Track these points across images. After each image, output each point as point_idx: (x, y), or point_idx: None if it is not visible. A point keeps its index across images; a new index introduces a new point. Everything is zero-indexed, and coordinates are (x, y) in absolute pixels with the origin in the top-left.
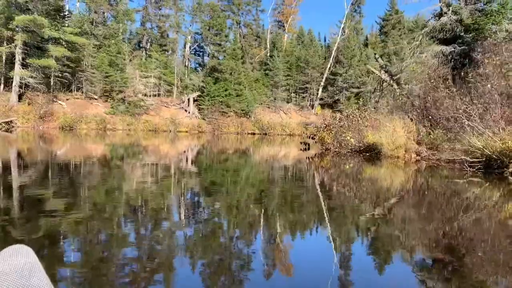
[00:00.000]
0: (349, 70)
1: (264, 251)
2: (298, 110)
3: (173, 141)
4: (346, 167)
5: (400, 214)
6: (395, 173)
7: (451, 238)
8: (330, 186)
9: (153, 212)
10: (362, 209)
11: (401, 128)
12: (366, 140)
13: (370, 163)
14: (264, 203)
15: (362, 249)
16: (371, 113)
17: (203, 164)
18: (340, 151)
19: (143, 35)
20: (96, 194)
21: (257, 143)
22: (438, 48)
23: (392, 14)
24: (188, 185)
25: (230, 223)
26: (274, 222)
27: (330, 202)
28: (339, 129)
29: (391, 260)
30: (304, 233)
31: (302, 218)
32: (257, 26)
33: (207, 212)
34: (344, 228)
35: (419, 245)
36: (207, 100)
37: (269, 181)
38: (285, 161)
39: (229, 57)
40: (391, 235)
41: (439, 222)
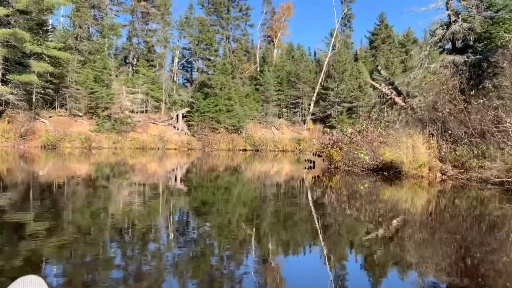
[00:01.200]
0: (341, 85)
1: (257, 273)
2: (290, 125)
3: (162, 159)
4: (360, 188)
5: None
6: (420, 196)
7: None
8: (344, 211)
9: (141, 233)
10: (389, 249)
11: (422, 144)
12: (383, 157)
13: (387, 183)
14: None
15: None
16: (386, 128)
17: (193, 182)
18: (351, 169)
19: (129, 50)
20: (80, 216)
21: (250, 160)
22: (449, 57)
23: (382, 28)
24: (177, 205)
25: (221, 244)
26: (278, 258)
27: (349, 234)
28: (350, 145)
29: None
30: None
31: (316, 253)
32: (246, 41)
33: (197, 232)
34: (372, 269)
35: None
36: (196, 116)
37: (276, 207)
38: (288, 181)
39: (219, 72)
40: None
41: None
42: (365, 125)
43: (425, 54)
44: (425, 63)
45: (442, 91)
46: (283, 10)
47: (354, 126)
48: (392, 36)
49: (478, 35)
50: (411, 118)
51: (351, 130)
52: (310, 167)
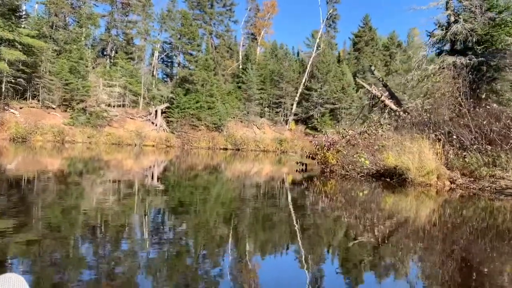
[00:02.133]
0: (324, 86)
1: (233, 274)
2: (272, 125)
3: (138, 155)
4: (358, 194)
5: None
6: (426, 205)
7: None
8: (342, 221)
9: (114, 232)
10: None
11: (428, 150)
12: (385, 162)
13: (389, 190)
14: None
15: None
16: (387, 131)
17: (171, 181)
18: (348, 174)
19: (107, 41)
20: (50, 213)
21: (231, 159)
22: (450, 59)
23: (366, 30)
24: (153, 203)
25: (197, 244)
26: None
27: (350, 248)
28: (349, 148)
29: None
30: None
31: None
32: (229, 38)
33: (173, 232)
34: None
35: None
36: (176, 112)
37: (265, 213)
38: (278, 184)
39: (201, 68)
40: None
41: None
42: (365, 127)
43: (424, 55)
44: (422, 64)
45: (446, 93)
46: (267, 8)
47: (352, 128)
48: (375, 38)
49: (479, 37)
50: (407, 122)
51: (351, 132)
52: (302, 170)
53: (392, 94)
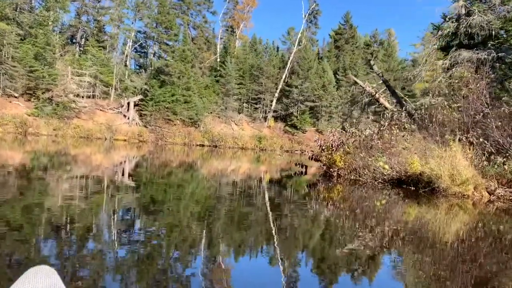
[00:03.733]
0: (305, 83)
1: (205, 276)
2: (250, 122)
3: (109, 150)
4: (375, 204)
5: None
6: (464, 221)
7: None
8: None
9: (80, 232)
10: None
11: (461, 156)
12: (410, 168)
13: (413, 200)
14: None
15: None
16: (411, 132)
17: (143, 178)
18: (360, 179)
19: (77, 28)
20: (9, 211)
21: (208, 156)
22: (466, 54)
23: (346, 28)
24: (123, 201)
25: (169, 245)
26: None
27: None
28: (363, 150)
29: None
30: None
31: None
32: (207, 30)
33: (144, 232)
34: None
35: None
36: (150, 105)
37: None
38: (278, 189)
39: (178, 59)
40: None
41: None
42: (386, 124)
43: (434, 48)
44: (431, 58)
45: (474, 91)
46: (246, 0)
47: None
48: (356, 36)
49: (495, 31)
50: (425, 122)
51: (369, 131)
52: (301, 173)
53: (393, 92)
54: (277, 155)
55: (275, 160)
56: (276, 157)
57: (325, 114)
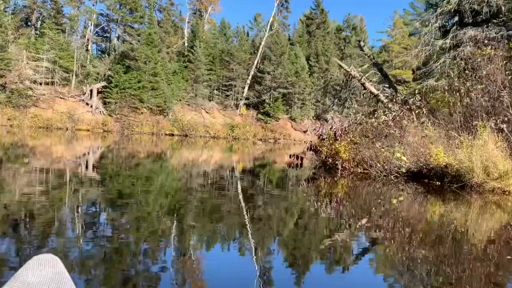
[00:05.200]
0: (278, 69)
1: (176, 270)
2: (222, 110)
3: (70, 141)
4: (392, 202)
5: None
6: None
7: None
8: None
9: (41, 228)
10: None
11: (494, 144)
12: (433, 159)
13: (437, 196)
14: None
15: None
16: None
17: (108, 170)
18: (368, 172)
19: (33, 9)
20: None
21: (177, 146)
22: (472, 32)
23: (317, 13)
24: (87, 195)
25: (138, 239)
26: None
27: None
28: (381, 140)
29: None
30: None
31: None
32: (173, 14)
33: (111, 227)
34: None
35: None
36: (115, 92)
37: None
38: (274, 183)
39: (144, 43)
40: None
41: None
42: (400, 111)
43: (436, 27)
44: (431, 37)
45: (499, 70)
46: None
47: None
48: (327, 22)
49: (506, 8)
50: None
51: (384, 118)
52: (297, 165)
53: (385, 75)
54: (257, 145)
55: (256, 150)
56: (256, 147)
57: (298, 102)
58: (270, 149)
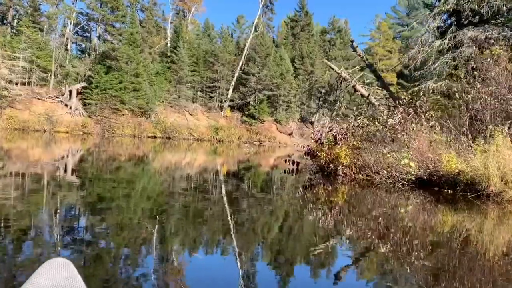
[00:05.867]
0: (263, 70)
1: (158, 277)
2: (206, 112)
3: (49, 144)
4: (399, 212)
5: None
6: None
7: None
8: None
9: (16, 234)
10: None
11: (510, 150)
12: (445, 166)
13: (447, 205)
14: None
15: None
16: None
17: (88, 174)
18: (373, 179)
19: (9, 6)
20: None
21: (160, 149)
22: (471, 33)
23: (302, 15)
24: (66, 200)
25: (119, 245)
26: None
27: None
28: (385, 144)
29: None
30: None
31: None
32: (155, 14)
33: (91, 232)
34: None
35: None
36: (95, 93)
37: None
38: (274, 193)
39: (126, 42)
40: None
41: None
42: (407, 114)
43: (435, 27)
44: (429, 38)
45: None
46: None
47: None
48: (311, 24)
49: (507, 7)
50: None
51: (391, 121)
52: (293, 171)
53: (379, 76)
54: (245, 147)
55: (244, 152)
56: (244, 150)
57: (283, 104)
58: (256, 152)
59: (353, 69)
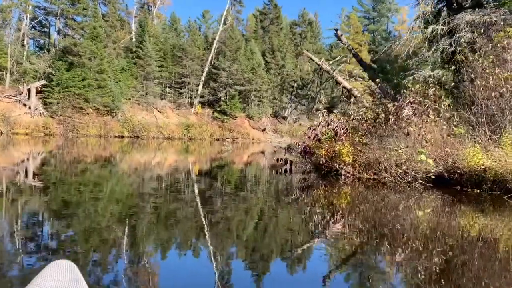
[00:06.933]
0: (234, 65)
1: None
2: (175, 109)
3: (6, 146)
4: (417, 215)
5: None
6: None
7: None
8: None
9: None
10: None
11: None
12: (468, 161)
13: (474, 207)
14: None
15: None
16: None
17: (52, 177)
18: (378, 178)
19: None
20: None
21: (128, 149)
22: (469, 17)
23: (271, 8)
24: (28, 206)
25: (87, 251)
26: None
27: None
28: (397, 137)
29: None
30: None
31: None
32: (118, 7)
33: (56, 239)
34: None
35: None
36: (56, 91)
37: None
38: (271, 195)
39: (88, 37)
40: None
41: None
42: (422, 105)
43: (428, 11)
44: (421, 23)
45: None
46: None
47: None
48: (280, 17)
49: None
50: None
51: (406, 112)
52: (286, 171)
53: (365, 66)
54: (224, 145)
55: (225, 151)
56: (223, 148)
57: (255, 99)
58: (232, 149)
59: (334, 60)
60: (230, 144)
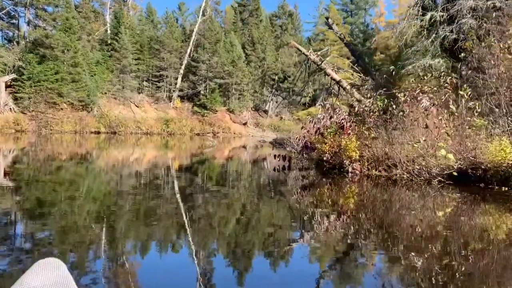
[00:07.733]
0: (214, 57)
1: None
2: (153, 103)
3: None
4: (436, 215)
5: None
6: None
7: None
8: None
9: None
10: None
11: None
12: (494, 156)
13: (499, 205)
14: None
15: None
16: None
17: (24, 176)
18: (392, 175)
19: None
20: None
21: (105, 145)
22: (471, 2)
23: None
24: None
25: (64, 252)
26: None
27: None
28: (410, 131)
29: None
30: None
31: None
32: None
33: (31, 241)
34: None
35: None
36: (28, 85)
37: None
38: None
39: (61, 28)
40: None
41: None
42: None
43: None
44: (415, 10)
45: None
46: None
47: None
48: (260, 9)
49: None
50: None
51: (424, 103)
52: (284, 168)
53: (357, 56)
54: (208, 140)
55: (209, 146)
56: (207, 143)
57: (235, 92)
58: (215, 144)
59: (321, 51)
60: (214, 139)
